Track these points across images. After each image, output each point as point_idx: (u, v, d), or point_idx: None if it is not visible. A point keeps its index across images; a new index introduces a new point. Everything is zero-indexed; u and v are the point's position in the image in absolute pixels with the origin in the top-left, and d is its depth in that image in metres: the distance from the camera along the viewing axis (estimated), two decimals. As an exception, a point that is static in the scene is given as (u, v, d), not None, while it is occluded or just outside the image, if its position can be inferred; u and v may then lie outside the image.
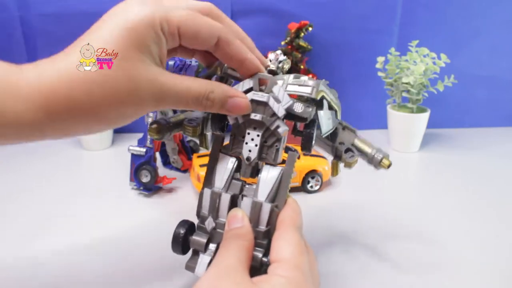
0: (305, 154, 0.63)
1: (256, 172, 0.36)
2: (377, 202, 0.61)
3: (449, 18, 0.90)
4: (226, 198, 0.35)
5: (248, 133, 0.35)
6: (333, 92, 0.40)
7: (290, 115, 0.34)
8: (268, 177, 0.34)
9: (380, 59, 0.80)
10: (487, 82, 0.95)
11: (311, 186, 0.63)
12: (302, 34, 0.82)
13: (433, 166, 0.78)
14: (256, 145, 0.35)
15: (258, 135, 0.35)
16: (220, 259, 0.30)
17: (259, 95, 0.34)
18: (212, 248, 0.35)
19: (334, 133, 0.42)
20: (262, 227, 0.33)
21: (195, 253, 0.36)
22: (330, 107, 0.40)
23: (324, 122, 0.38)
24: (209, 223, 0.35)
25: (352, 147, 0.41)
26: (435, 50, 0.77)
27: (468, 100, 0.97)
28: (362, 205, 0.60)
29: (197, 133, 0.39)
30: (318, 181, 0.63)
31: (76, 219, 0.55)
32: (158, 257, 0.45)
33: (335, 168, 0.43)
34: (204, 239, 0.35)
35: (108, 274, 0.44)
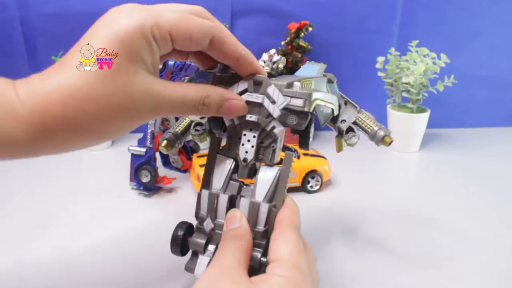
0: (305, 154, 0.64)
1: (254, 173, 0.36)
2: (377, 202, 0.61)
3: (449, 18, 0.90)
4: (224, 199, 0.35)
5: (245, 134, 0.35)
6: (330, 85, 0.39)
7: (286, 123, 0.34)
8: (266, 178, 0.35)
9: (380, 59, 0.80)
10: (487, 82, 0.95)
11: (311, 186, 0.63)
12: (302, 34, 0.82)
13: (433, 166, 0.78)
14: (253, 146, 0.35)
15: (254, 136, 0.35)
16: (219, 259, 0.30)
17: (254, 96, 0.34)
18: (211, 249, 0.35)
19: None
20: (260, 227, 0.34)
21: (195, 254, 0.36)
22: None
23: (321, 115, 0.38)
24: (208, 224, 0.35)
25: (353, 126, 0.41)
26: (435, 50, 0.77)
27: (468, 100, 0.97)
28: (362, 205, 0.60)
29: (205, 139, 0.39)
30: (318, 181, 0.63)
31: (76, 219, 0.55)
32: (158, 258, 0.45)
33: (339, 145, 0.42)
34: (203, 240, 0.35)
35: (108, 274, 0.44)
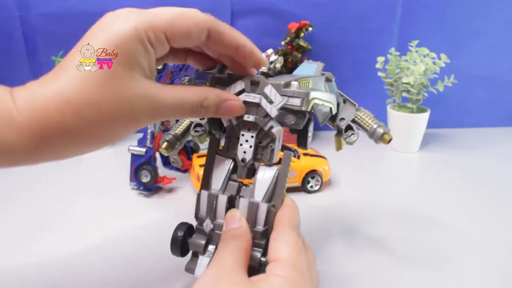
0: (305, 154, 0.64)
1: (253, 173, 0.36)
2: (377, 202, 0.61)
3: (449, 18, 0.90)
4: (223, 200, 0.35)
5: (243, 135, 0.35)
6: (328, 84, 0.39)
7: (284, 123, 0.34)
8: (264, 178, 0.35)
9: (380, 59, 0.80)
10: (487, 82, 0.95)
11: (311, 186, 0.63)
12: (302, 34, 0.82)
13: (433, 166, 0.78)
14: (251, 146, 0.35)
15: (252, 136, 0.35)
16: (218, 260, 0.30)
17: (251, 97, 0.34)
18: (211, 250, 0.35)
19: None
20: (260, 227, 0.34)
21: (195, 255, 0.37)
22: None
23: (320, 114, 0.38)
24: (207, 225, 0.35)
25: (352, 124, 0.41)
26: (435, 50, 0.77)
27: (468, 100, 0.97)
28: (362, 205, 0.60)
29: (205, 140, 0.39)
30: (318, 181, 0.63)
31: (76, 219, 0.55)
32: (158, 258, 0.45)
33: (338, 143, 0.42)
34: (203, 241, 0.35)
35: (108, 274, 0.44)
